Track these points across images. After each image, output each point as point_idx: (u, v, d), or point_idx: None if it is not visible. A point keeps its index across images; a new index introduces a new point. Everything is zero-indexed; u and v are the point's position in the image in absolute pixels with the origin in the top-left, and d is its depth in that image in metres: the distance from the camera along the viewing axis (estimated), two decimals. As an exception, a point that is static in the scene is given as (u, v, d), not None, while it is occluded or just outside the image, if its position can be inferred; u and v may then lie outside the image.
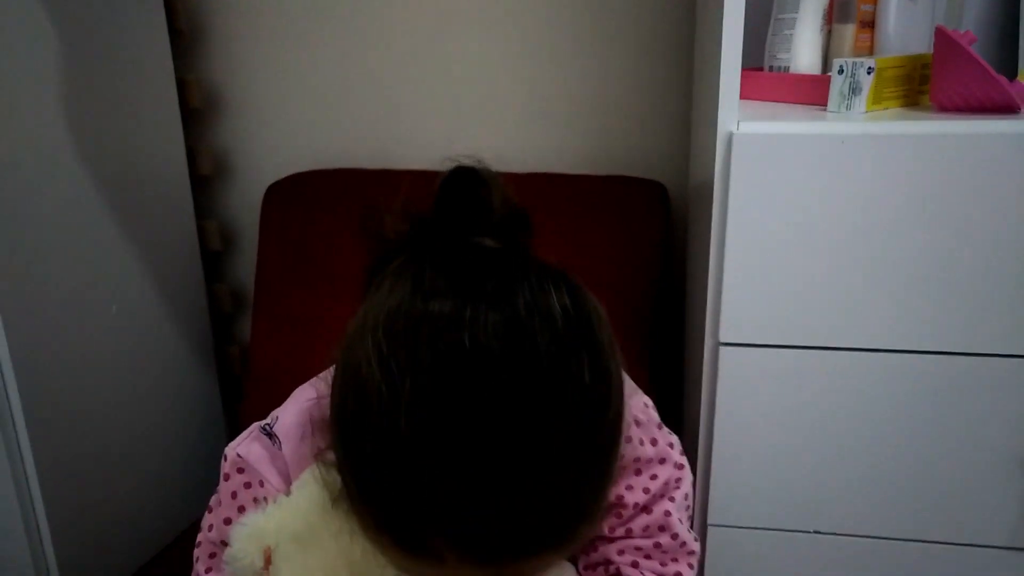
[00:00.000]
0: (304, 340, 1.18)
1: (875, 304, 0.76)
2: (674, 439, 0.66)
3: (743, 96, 0.77)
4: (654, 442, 0.65)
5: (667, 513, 0.64)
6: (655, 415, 0.66)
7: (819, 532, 0.84)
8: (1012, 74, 0.79)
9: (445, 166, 0.50)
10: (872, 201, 0.74)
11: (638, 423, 0.64)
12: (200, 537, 0.68)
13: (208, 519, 0.67)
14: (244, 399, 1.23)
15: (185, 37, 1.23)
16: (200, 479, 1.29)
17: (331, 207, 1.21)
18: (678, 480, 0.65)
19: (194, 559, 0.68)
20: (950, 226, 0.73)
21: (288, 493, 0.61)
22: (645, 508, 0.64)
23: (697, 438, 0.85)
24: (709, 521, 0.86)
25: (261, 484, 0.63)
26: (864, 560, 0.84)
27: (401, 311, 0.45)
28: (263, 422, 0.66)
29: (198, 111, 1.28)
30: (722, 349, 0.80)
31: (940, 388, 0.78)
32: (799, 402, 0.80)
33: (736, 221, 0.76)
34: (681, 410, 1.05)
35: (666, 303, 1.14)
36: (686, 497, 0.66)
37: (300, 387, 0.68)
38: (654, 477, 0.64)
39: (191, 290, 1.28)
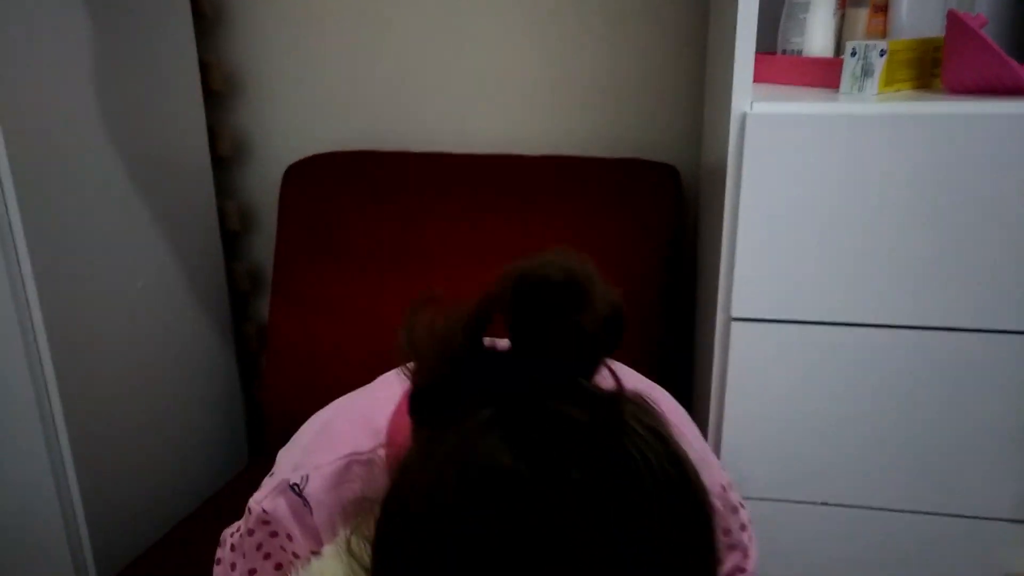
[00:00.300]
0: (321, 319, 1.21)
1: (884, 281, 0.78)
2: (745, 517, 0.65)
3: (756, 79, 0.79)
4: (727, 532, 0.64)
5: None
6: (734, 496, 0.64)
7: (827, 504, 0.87)
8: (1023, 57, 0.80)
9: (525, 272, 0.41)
10: (883, 180, 0.75)
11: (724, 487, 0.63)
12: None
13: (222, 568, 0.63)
14: (262, 375, 1.25)
15: (208, 19, 1.26)
16: (219, 452, 1.33)
17: (349, 188, 1.23)
18: (741, 569, 0.64)
19: None
20: (959, 205, 0.75)
21: (319, 554, 0.58)
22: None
23: (708, 412, 0.87)
24: (719, 493, 0.89)
25: (289, 538, 0.60)
26: (871, 531, 0.86)
27: (476, 469, 0.38)
28: (291, 478, 0.60)
29: (219, 93, 1.30)
30: (734, 324, 0.82)
31: (948, 364, 0.79)
32: (809, 376, 0.82)
33: (749, 198, 0.78)
34: (691, 385, 1.07)
35: (677, 284, 1.15)
36: None
37: (331, 415, 0.65)
38: (721, 562, 0.60)
39: (210, 269, 1.30)
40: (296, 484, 0.60)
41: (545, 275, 0.40)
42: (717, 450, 0.86)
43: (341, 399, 0.69)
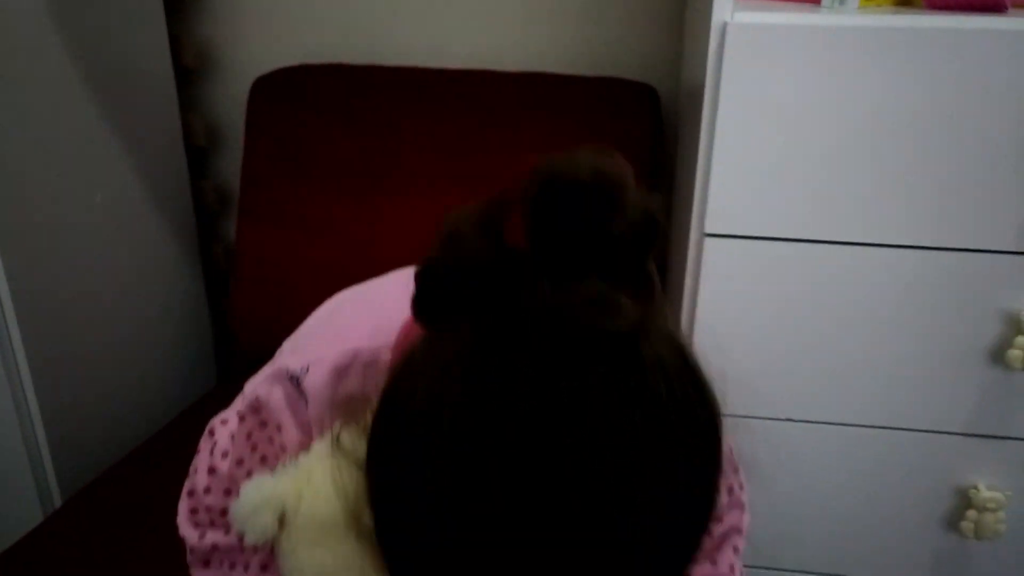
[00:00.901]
0: (290, 237, 1.19)
1: (858, 198, 0.78)
2: (743, 477, 0.66)
3: (737, -5, 0.77)
4: (730, 490, 0.65)
5: (732, 567, 0.63)
6: (734, 457, 0.63)
7: (791, 419, 0.89)
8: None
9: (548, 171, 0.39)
10: (860, 95, 0.75)
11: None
12: (187, 492, 0.62)
13: (201, 477, 0.61)
14: (230, 295, 1.24)
15: (168, -79, 1.20)
16: (187, 374, 1.32)
17: (319, 103, 1.20)
18: (738, 529, 0.65)
19: (185, 492, 0.62)
20: (936, 121, 0.75)
21: (308, 449, 0.57)
22: (711, 557, 0.63)
23: (679, 326, 0.88)
24: (686, 408, 0.90)
25: (279, 429, 0.59)
26: (832, 446, 0.89)
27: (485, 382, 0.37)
28: (291, 367, 0.59)
29: (181, 0, 1.25)
30: (707, 240, 0.82)
31: (913, 281, 0.81)
32: (778, 293, 0.83)
33: (727, 113, 0.78)
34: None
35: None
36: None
37: (339, 305, 0.63)
38: (720, 520, 0.63)
39: (176, 186, 1.27)
40: (295, 375, 0.58)
41: (575, 174, 0.38)
42: (686, 365, 0.87)
43: (352, 289, 0.67)
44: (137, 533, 0.91)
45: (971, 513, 0.87)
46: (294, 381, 0.59)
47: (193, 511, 0.61)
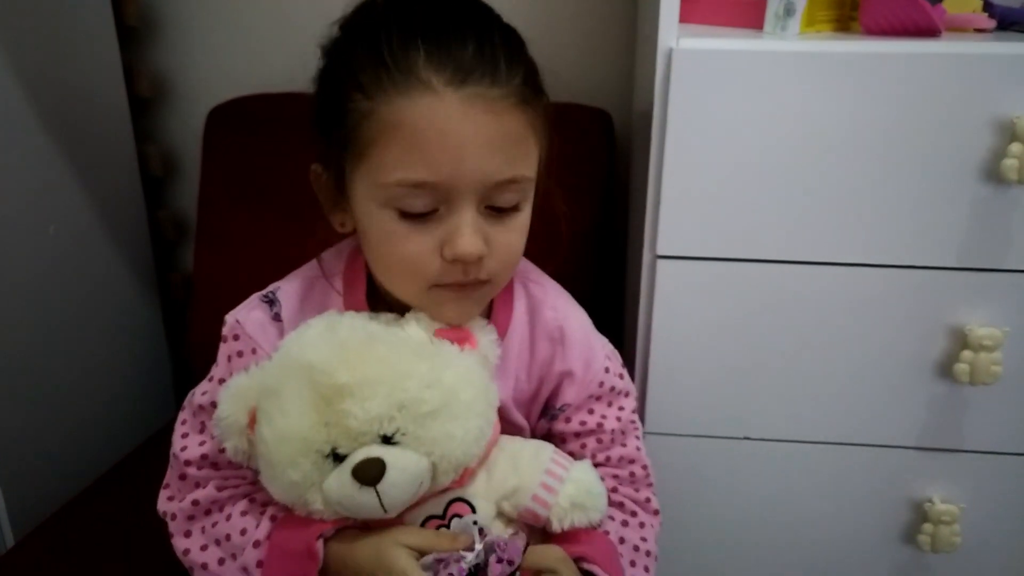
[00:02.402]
0: (248, 265, 1.17)
1: (805, 218, 0.80)
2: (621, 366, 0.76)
3: (683, 19, 0.79)
4: (621, 377, 0.75)
5: (638, 448, 0.75)
6: (619, 358, 0.76)
7: (748, 438, 0.89)
8: (935, -1, 0.82)
9: None
10: (803, 117, 0.77)
11: (610, 358, 0.74)
12: (186, 401, 0.71)
13: (203, 385, 0.70)
14: (188, 324, 1.22)
15: (120, -49, 1.19)
16: (144, 406, 1.29)
17: (275, 131, 1.19)
18: (635, 414, 0.75)
19: (179, 422, 0.70)
20: (878, 142, 0.77)
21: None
22: (620, 441, 0.74)
23: (635, 349, 0.89)
24: (645, 429, 0.90)
25: (254, 351, 0.67)
26: (790, 463, 0.90)
27: None
28: (264, 291, 0.70)
29: (135, 29, 1.24)
30: (659, 262, 0.83)
31: (862, 298, 0.82)
32: (731, 313, 0.84)
33: (675, 137, 0.79)
34: (622, 325, 1.09)
35: (609, 229, 1.16)
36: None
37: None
38: (622, 408, 0.74)
39: (132, 216, 1.26)
40: (269, 292, 0.70)
41: None
42: (643, 387, 0.88)
43: None
44: (96, 569, 0.89)
45: (927, 526, 0.88)
46: (267, 298, 0.69)
47: (181, 476, 0.68)
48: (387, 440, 0.57)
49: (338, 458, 0.58)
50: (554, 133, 0.66)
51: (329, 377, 0.57)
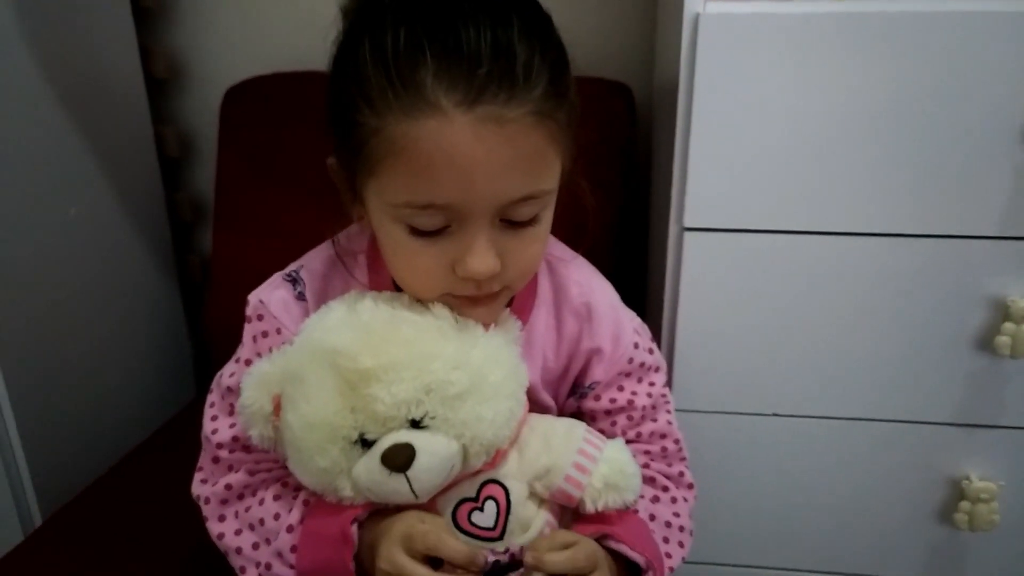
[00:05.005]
0: (265, 245, 1.16)
1: (838, 187, 0.77)
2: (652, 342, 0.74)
3: (708, -18, 0.76)
4: (651, 351, 0.73)
5: (669, 422, 0.73)
6: (648, 332, 0.74)
7: (777, 414, 0.87)
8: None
9: None
10: (837, 82, 0.74)
11: (639, 333, 0.72)
12: (214, 384, 0.69)
13: (229, 366, 0.69)
14: (206, 305, 1.22)
15: (133, -69, 1.18)
16: (164, 386, 1.29)
17: (292, 110, 1.18)
18: (666, 388, 0.74)
19: (207, 404, 0.69)
20: (915, 106, 0.74)
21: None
22: (652, 416, 0.72)
23: (661, 324, 0.87)
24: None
25: (279, 331, 0.65)
26: (820, 440, 0.88)
27: None
28: (286, 270, 0.69)
29: (150, 11, 1.23)
30: (686, 234, 0.81)
31: (896, 270, 0.80)
32: (760, 286, 0.82)
33: (702, 107, 0.76)
34: (644, 300, 1.07)
35: (630, 203, 1.14)
36: None
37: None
38: (653, 384, 0.72)
39: (150, 198, 1.25)
40: (292, 271, 0.68)
41: None
42: (669, 363, 0.86)
43: None
44: (122, 549, 0.89)
45: (964, 504, 0.86)
46: (290, 277, 0.68)
47: (214, 459, 0.67)
48: (416, 424, 0.56)
49: (366, 443, 0.56)
50: (579, 131, 0.62)
51: (353, 362, 0.55)
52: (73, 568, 0.86)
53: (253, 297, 0.67)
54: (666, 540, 0.68)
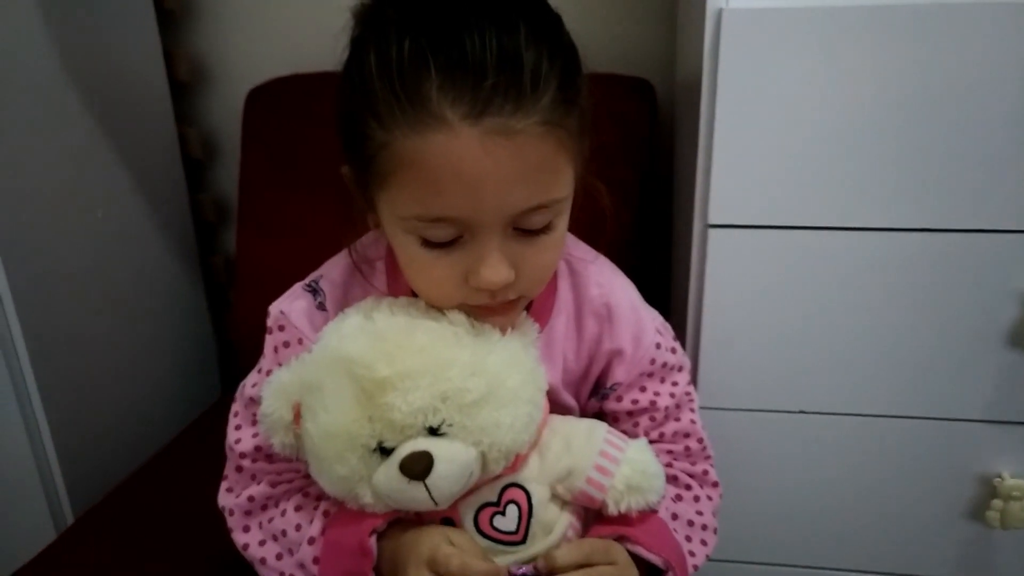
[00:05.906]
0: (290, 246, 1.17)
1: (864, 182, 0.76)
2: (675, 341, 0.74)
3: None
4: (673, 351, 0.72)
5: (692, 421, 0.73)
6: (671, 331, 0.74)
7: (804, 412, 0.87)
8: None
9: None
10: (861, 77, 0.73)
11: (661, 333, 0.71)
12: (237, 393, 0.70)
13: (252, 376, 0.69)
14: (231, 306, 1.22)
15: (155, -64, 1.19)
16: (190, 386, 1.31)
17: (314, 111, 1.17)
18: (690, 386, 0.73)
19: (231, 414, 0.69)
20: (940, 99, 0.73)
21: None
22: (675, 415, 0.72)
23: (685, 322, 0.86)
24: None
25: (300, 342, 0.65)
26: (848, 438, 0.87)
27: None
28: (306, 280, 0.69)
29: (173, 13, 1.24)
30: (710, 231, 0.80)
31: (925, 265, 0.78)
32: (786, 283, 0.81)
33: (726, 103, 0.76)
34: (668, 300, 1.06)
35: (652, 201, 1.14)
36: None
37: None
38: (676, 383, 0.72)
39: (174, 199, 1.27)
40: (312, 281, 0.68)
41: None
42: (694, 361, 0.86)
43: None
44: (152, 547, 0.90)
45: (996, 502, 0.85)
46: (310, 288, 0.68)
47: (238, 469, 0.68)
48: (434, 432, 0.56)
49: (385, 451, 0.56)
50: (592, 134, 0.61)
51: (369, 371, 0.55)
52: (105, 565, 0.87)
53: (274, 308, 0.67)
54: (688, 539, 0.67)
